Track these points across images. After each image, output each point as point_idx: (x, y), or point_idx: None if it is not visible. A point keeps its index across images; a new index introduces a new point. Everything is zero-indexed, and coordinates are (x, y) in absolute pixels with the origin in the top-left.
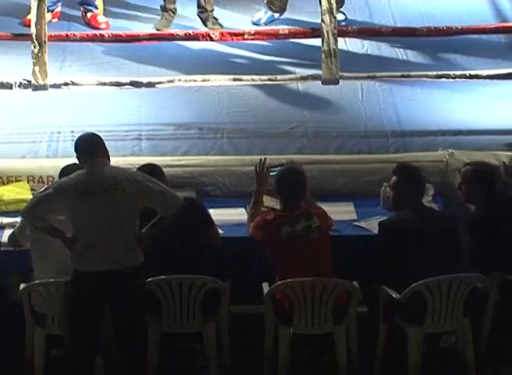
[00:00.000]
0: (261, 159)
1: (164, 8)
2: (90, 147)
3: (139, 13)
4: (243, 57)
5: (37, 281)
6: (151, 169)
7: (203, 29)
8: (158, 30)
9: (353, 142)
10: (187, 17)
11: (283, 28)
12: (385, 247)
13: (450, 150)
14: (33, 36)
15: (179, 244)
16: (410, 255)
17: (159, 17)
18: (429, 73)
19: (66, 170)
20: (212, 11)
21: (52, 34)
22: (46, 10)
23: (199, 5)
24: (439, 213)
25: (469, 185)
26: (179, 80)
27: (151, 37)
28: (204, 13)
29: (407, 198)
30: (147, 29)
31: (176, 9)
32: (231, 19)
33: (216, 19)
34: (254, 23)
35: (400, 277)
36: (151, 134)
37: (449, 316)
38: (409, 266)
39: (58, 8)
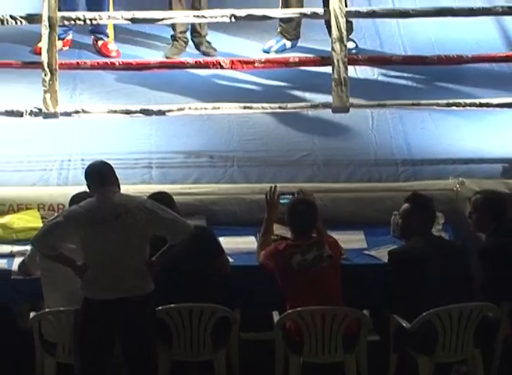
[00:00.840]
0: (271, 187)
1: (174, 38)
2: (100, 175)
3: (149, 41)
4: (253, 84)
5: (47, 310)
6: (161, 197)
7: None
8: (167, 58)
9: (364, 170)
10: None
11: (294, 56)
12: (395, 276)
13: (460, 178)
14: (44, 64)
15: (189, 273)
16: (420, 285)
17: (169, 45)
18: (439, 101)
19: (76, 198)
20: (206, 35)
21: (63, 62)
22: (57, 38)
23: (193, 30)
24: (449, 242)
25: (479, 214)
26: (190, 108)
27: (161, 65)
28: (197, 37)
29: (417, 227)
30: (158, 57)
31: (187, 39)
32: (242, 46)
33: (209, 43)
34: (265, 51)
35: (410, 306)
36: (161, 162)
37: (460, 345)
38: (419, 295)
39: (69, 36)
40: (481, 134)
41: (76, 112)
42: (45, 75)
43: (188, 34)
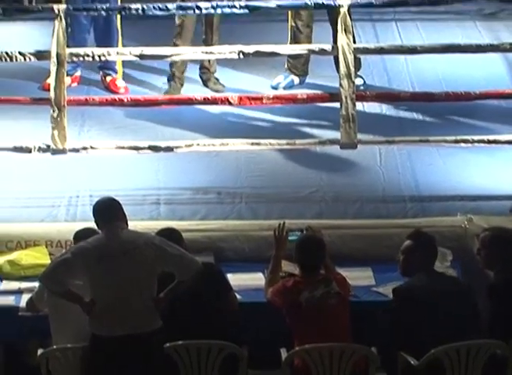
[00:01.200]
0: (279, 224)
1: (172, 78)
2: (108, 211)
3: (158, 77)
4: (261, 120)
5: (55, 347)
6: (169, 234)
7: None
8: None
9: (372, 207)
10: (190, 78)
11: (302, 93)
12: (399, 313)
13: (469, 215)
14: (53, 100)
15: (196, 309)
16: (424, 321)
17: (166, 87)
18: (448, 138)
19: (81, 234)
20: (214, 72)
21: (71, 99)
22: (65, 74)
23: (202, 66)
24: (453, 279)
25: (488, 251)
26: (198, 144)
27: (169, 102)
28: (206, 74)
29: (420, 264)
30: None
31: (183, 81)
32: (250, 82)
33: (218, 80)
34: (274, 87)
35: (416, 343)
36: (169, 199)
37: None
38: (424, 332)
39: (78, 73)
40: (489, 171)
41: (85, 148)
42: (54, 111)
43: (186, 75)
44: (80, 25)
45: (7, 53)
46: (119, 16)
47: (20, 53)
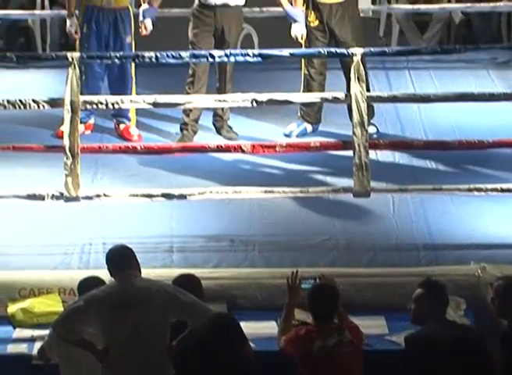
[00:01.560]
0: (293, 272)
1: (185, 126)
2: (121, 259)
3: (171, 125)
4: (274, 168)
5: None
6: (188, 280)
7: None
8: None
9: (385, 255)
10: (203, 126)
11: (315, 141)
12: (411, 361)
13: (482, 264)
14: (66, 148)
15: (210, 360)
16: (437, 370)
17: (178, 136)
18: (461, 186)
19: (85, 284)
20: (228, 119)
21: (85, 146)
22: (79, 122)
23: (215, 114)
24: (465, 327)
25: (502, 299)
26: (211, 192)
27: (183, 150)
28: (219, 122)
29: (431, 312)
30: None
31: (196, 128)
32: (263, 130)
33: (231, 128)
34: (286, 135)
35: None
36: (182, 246)
37: None
38: None
39: (92, 120)
40: (503, 219)
41: (98, 196)
42: (67, 159)
43: (199, 123)
44: (93, 73)
45: (21, 101)
46: (133, 64)
47: (34, 101)
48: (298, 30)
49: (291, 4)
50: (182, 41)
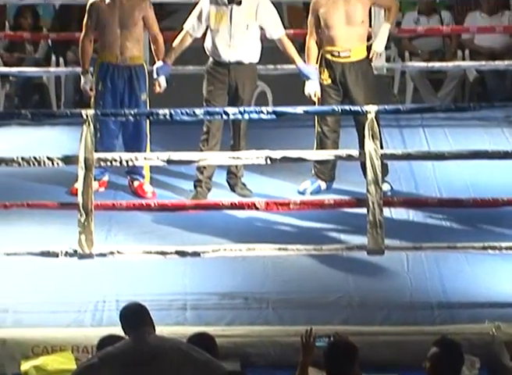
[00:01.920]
0: (307, 330)
1: (198, 184)
2: (135, 317)
3: (185, 182)
4: (288, 225)
5: None
6: (202, 339)
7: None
8: None
9: (399, 313)
10: (217, 183)
11: (328, 198)
12: None
13: (497, 323)
14: (80, 205)
15: None
16: None
17: (192, 193)
18: (475, 244)
19: (106, 342)
20: (241, 177)
21: (99, 203)
22: (93, 179)
23: (229, 171)
24: None
25: None
26: (225, 249)
27: (196, 207)
28: (233, 179)
29: (446, 371)
30: None
31: (211, 186)
32: (277, 188)
33: (245, 185)
34: (300, 193)
35: None
36: (195, 304)
37: None
38: None
39: (106, 178)
40: None
41: (111, 253)
42: (81, 216)
43: (213, 180)
44: (108, 130)
45: (35, 158)
46: (148, 121)
47: (48, 158)
48: (311, 88)
49: (304, 61)
50: (196, 98)
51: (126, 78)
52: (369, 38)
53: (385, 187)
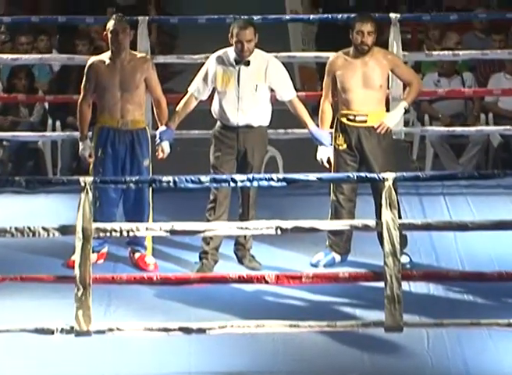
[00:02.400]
0: None
1: (204, 255)
2: None
3: (190, 253)
4: (300, 300)
5: None
6: None
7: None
8: None
9: None
10: (224, 255)
11: (343, 271)
12: None
13: None
14: (77, 278)
15: None
16: None
17: (197, 265)
18: (500, 321)
19: None
20: (250, 248)
21: (97, 277)
22: (91, 251)
23: (237, 242)
24: None
25: None
26: (232, 325)
27: (202, 280)
28: (241, 251)
29: None
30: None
31: (217, 257)
32: (288, 260)
33: (253, 257)
34: (313, 265)
35: None
36: None
37: None
38: None
39: (105, 249)
40: None
41: (110, 330)
42: (78, 290)
43: (220, 252)
44: (108, 198)
45: (30, 228)
46: (150, 189)
47: (44, 228)
48: (324, 154)
49: (317, 125)
50: (202, 164)
51: (128, 143)
52: (387, 102)
53: (404, 259)
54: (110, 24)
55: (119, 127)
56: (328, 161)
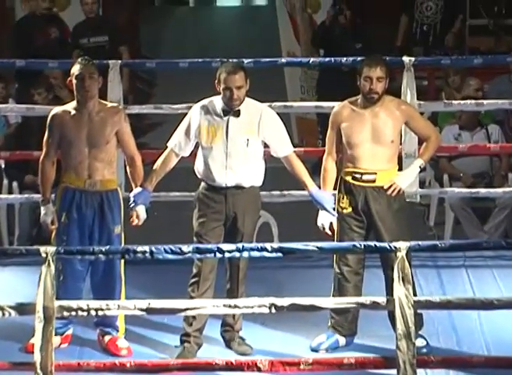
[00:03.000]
0: None
1: (186, 338)
2: None
3: (169, 336)
4: None
5: None
6: None
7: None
8: None
9: None
10: (209, 337)
11: (349, 356)
12: None
13: None
14: (37, 365)
15: None
16: None
17: (178, 349)
18: None
19: None
20: (240, 330)
21: (61, 363)
22: (54, 333)
23: (224, 323)
24: None
25: None
26: None
27: (183, 367)
28: (229, 332)
29: None
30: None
31: (201, 341)
32: (284, 343)
33: (243, 340)
34: (313, 350)
35: None
36: None
37: None
38: None
39: (69, 331)
40: None
41: None
42: None
43: (204, 334)
44: (73, 272)
45: None
46: (123, 260)
47: None
48: (326, 219)
49: (319, 186)
50: (184, 232)
51: (96, 207)
52: (400, 159)
53: (420, 342)
54: (75, 68)
55: (87, 188)
56: (331, 227)
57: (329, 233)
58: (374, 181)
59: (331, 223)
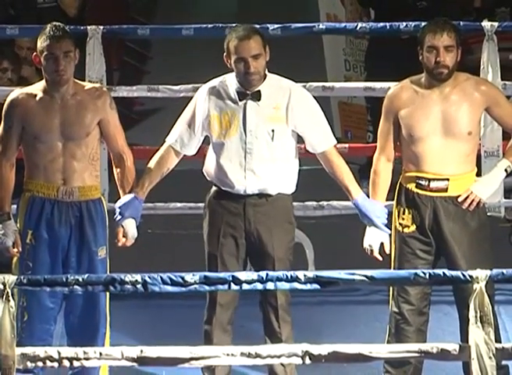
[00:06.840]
0: None
1: None
2: None
3: None
4: None
5: None
6: None
7: None
8: None
9: None
10: None
11: None
12: None
13: None
14: None
15: None
16: None
17: None
18: None
19: None
20: None
21: None
22: None
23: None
24: None
25: None
26: None
27: None
28: None
29: None
30: None
31: None
32: None
33: None
34: None
35: None
36: None
37: None
38: None
39: None
40: None
41: None
42: None
43: None
44: (41, 309)
45: None
46: (107, 293)
47: None
48: (376, 238)
49: (367, 194)
50: (187, 254)
51: (74, 223)
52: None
53: None
54: (42, 40)
55: (61, 198)
56: (382, 249)
57: (379, 258)
58: (445, 190)
59: (382, 244)
